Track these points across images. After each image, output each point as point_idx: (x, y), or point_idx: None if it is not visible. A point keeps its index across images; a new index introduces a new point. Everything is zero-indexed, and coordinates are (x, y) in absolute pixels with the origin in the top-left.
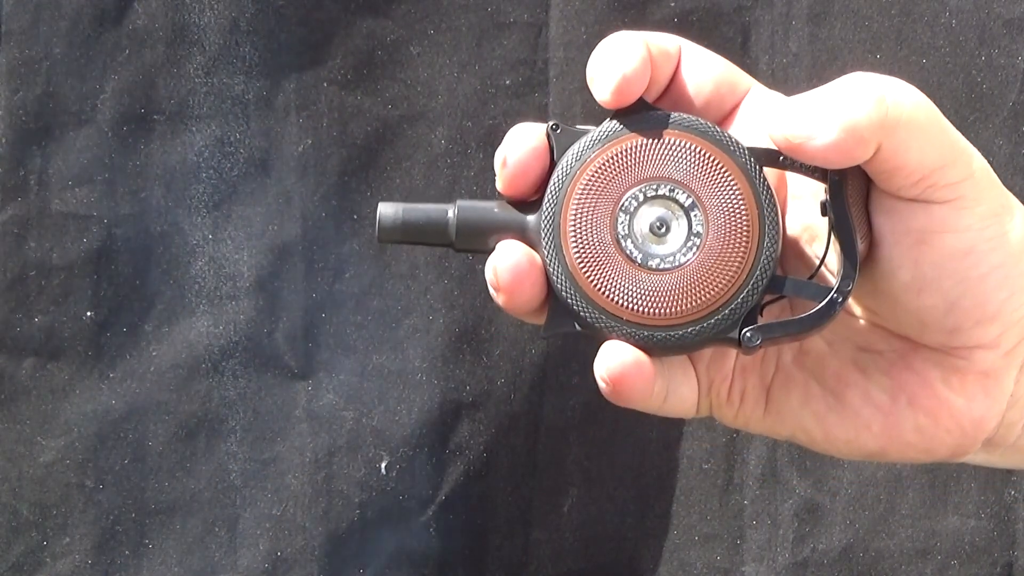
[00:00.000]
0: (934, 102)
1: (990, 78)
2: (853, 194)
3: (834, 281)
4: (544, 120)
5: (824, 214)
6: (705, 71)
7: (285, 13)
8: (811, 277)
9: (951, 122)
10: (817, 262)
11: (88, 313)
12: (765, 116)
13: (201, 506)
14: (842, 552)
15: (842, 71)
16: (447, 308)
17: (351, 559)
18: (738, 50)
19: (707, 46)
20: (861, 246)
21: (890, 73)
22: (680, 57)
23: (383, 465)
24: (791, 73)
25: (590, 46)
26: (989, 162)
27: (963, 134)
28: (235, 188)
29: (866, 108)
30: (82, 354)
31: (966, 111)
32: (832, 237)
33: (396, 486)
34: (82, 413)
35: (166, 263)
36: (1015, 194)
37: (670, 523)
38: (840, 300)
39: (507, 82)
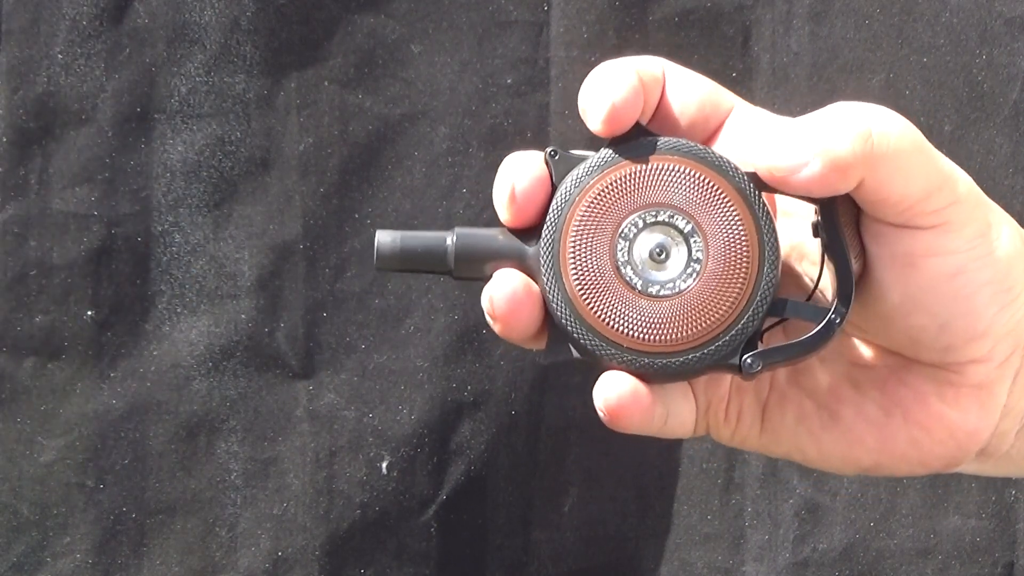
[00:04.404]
0: (934, 101)
1: (991, 77)
2: (844, 214)
3: (829, 302)
4: (545, 121)
5: (816, 235)
6: (689, 92)
7: (286, 12)
8: (808, 299)
9: (951, 121)
10: (808, 281)
11: (88, 313)
12: (750, 143)
13: (201, 506)
14: (843, 552)
15: (843, 69)
16: (448, 308)
17: (351, 559)
18: (739, 49)
19: (708, 45)
20: (855, 265)
21: (891, 72)
22: (664, 79)
23: (384, 465)
24: (792, 72)
25: (591, 44)
26: (989, 161)
27: (963, 133)
28: (236, 187)
29: (850, 142)
30: (82, 354)
31: (967, 110)
32: (826, 258)
33: (397, 486)
34: (82, 413)
35: (166, 263)
36: (1015, 194)
37: (671, 523)
38: (838, 321)
39: (508, 81)
